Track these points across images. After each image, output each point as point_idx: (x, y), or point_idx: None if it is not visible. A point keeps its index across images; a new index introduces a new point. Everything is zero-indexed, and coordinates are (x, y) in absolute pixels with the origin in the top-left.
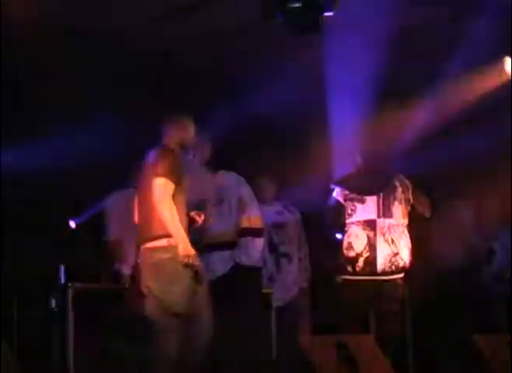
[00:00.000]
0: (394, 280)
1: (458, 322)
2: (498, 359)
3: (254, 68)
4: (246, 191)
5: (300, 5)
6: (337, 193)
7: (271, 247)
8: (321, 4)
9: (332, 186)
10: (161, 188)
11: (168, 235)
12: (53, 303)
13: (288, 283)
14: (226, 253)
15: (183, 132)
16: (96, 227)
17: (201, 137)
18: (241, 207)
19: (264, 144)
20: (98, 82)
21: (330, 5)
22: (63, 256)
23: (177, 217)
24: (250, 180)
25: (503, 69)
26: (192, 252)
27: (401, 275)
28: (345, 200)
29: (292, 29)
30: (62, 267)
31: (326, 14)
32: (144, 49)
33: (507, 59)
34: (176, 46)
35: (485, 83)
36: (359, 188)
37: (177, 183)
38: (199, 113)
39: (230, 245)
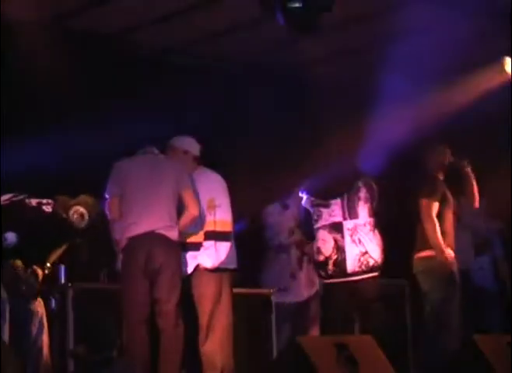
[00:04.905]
0: (366, 279)
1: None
2: (498, 359)
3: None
4: (219, 191)
5: (300, 5)
6: (304, 201)
7: (298, 243)
8: (321, 4)
9: (301, 194)
10: (425, 208)
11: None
12: (53, 303)
13: (307, 281)
14: (191, 254)
15: (442, 158)
16: (95, 227)
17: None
18: (210, 208)
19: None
20: (97, 82)
21: (330, 5)
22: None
23: (437, 232)
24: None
25: (503, 69)
26: (447, 261)
27: (374, 274)
28: (311, 207)
29: (293, 29)
30: (62, 267)
31: (326, 14)
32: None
33: (507, 59)
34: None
35: (485, 83)
36: (324, 193)
37: (442, 202)
38: (196, 113)
39: (196, 246)
